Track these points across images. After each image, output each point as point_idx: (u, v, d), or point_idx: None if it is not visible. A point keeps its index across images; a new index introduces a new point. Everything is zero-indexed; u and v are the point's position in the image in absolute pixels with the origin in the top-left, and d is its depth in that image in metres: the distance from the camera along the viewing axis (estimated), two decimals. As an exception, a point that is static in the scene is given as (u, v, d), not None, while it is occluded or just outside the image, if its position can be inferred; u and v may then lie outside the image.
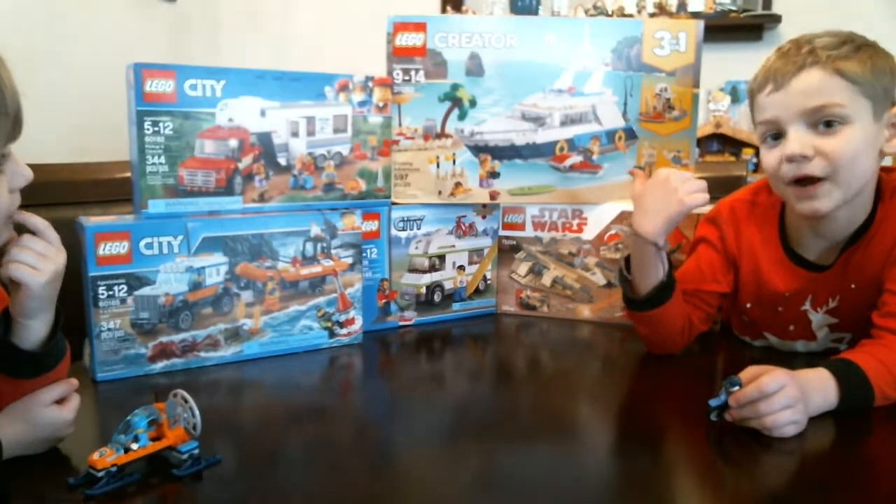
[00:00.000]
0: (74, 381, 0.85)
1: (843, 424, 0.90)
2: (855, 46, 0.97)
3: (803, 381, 0.89)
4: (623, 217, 1.35)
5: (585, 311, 1.40)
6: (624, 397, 1.07)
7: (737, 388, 0.88)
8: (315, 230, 1.19)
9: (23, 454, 0.79)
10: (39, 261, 0.78)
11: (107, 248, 1.03)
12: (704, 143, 2.97)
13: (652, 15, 2.91)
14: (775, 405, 0.85)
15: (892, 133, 0.99)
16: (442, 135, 1.34)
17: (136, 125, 1.08)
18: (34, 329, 0.80)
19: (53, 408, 0.82)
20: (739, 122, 2.99)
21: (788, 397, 0.85)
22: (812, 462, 0.85)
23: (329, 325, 1.22)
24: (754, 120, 1.06)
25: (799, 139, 0.97)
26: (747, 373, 0.89)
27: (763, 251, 1.12)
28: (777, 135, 1.01)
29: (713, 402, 0.89)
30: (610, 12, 2.99)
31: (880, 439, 0.91)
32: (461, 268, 1.41)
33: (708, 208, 1.26)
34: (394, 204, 1.33)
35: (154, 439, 0.77)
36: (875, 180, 1.03)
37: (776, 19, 2.88)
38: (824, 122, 0.96)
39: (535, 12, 3.04)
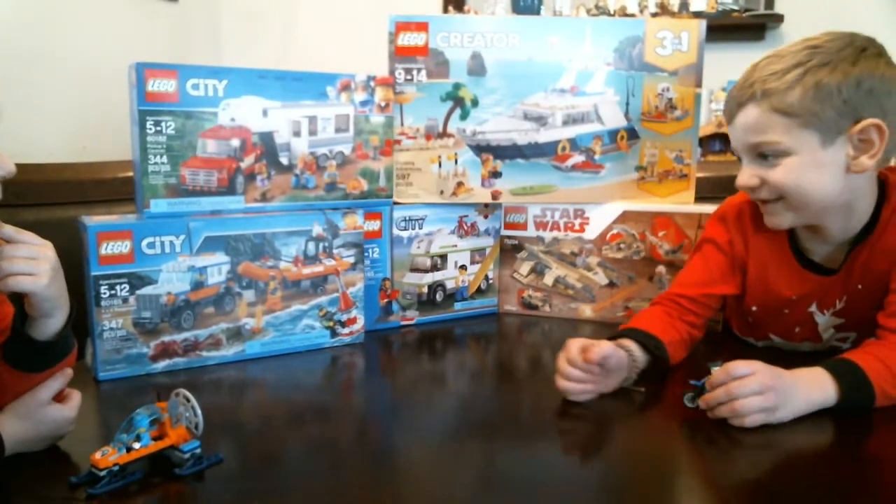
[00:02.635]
0: (69, 371, 0.84)
1: (845, 424, 0.90)
2: (801, 73, 0.94)
3: (793, 377, 0.90)
4: (625, 217, 1.35)
5: (587, 311, 1.40)
6: (625, 397, 1.06)
7: (717, 368, 0.90)
8: (317, 230, 1.19)
9: (24, 451, 0.79)
10: (32, 265, 0.76)
11: (109, 248, 1.03)
12: (706, 142, 2.97)
13: (654, 14, 2.91)
14: (745, 389, 0.86)
15: (857, 152, 0.96)
16: (444, 134, 1.34)
17: (138, 125, 1.08)
18: (52, 324, 0.79)
19: (55, 406, 0.82)
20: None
21: (759, 383, 0.87)
22: (814, 461, 0.85)
23: (331, 324, 1.22)
24: None
25: (746, 170, 1.02)
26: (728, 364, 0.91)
27: (771, 255, 1.12)
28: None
29: (694, 382, 0.91)
30: (612, 12, 2.98)
31: (883, 439, 0.91)
32: (463, 267, 1.41)
33: (710, 208, 1.26)
34: (396, 203, 1.33)
35: (156, 438, 0.77)
36: (851, 191, 1.00)
37: (778, 19, 2.87)
38: (763, 155, 0.99)
39: (537, 12, 3.04)
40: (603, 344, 0.97)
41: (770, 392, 0.87)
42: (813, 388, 0.91)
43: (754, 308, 1.17)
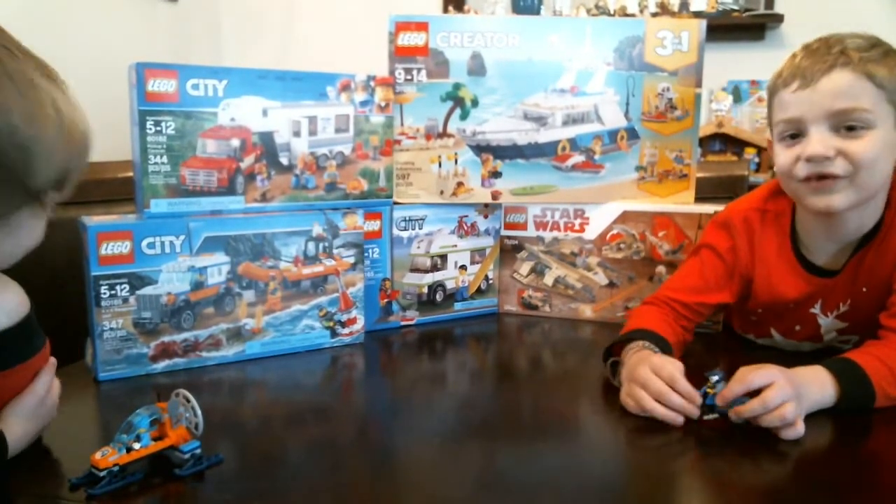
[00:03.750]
0: (53, 360, 0.84)
1: (844, 424, 0.90)
2: (883, 51, 0.95)
3: (798, 377, 0.89)
4: (625, 217, 1.35)
5: (587, 311, 1.40)
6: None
7: (716, 377, 0.89)
8: (317, 230, 1.19)
9: (22, 449, 0.79)
10: None
11: (109, 248, 1.03)
12: (706, 142, 2.97)
13: (654, 14, 2.91)
14: (775, 400, 0.84)
15: None
16: (444, 134, 1.34)
17: (138, 125, 1.08)
18: None
19: (50, 398, 0.82)
20: (741, 122, 2.99)
21: (783, 393, 0.85)
22: (815, 461, 0.85)
23: (331, 324, 1.22)
24: (772, 118, 1.04)
25: (822, 140, 0.95)
26: (738, 373, 0.89)
27: (775, 259, 1.11)
28: (795, 134, 0.99)
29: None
30: (612, 12, 2.98)
31: (883, 440, 0.90)
32: (463, 267, 1.41)
33: (711, 209, 1.26)
34: (396, 203, 1.33)
35: (156, 439, 0.77)
36: (888, 186, 1.02)
37: (778, 19, 2.88)
38: (847, 125, 0.95)
39: (537, 12, 3.04)
40: (676, 364, 0.94)
41: (796, 398, 0.86)
42: (814, 387, 0.91)
43: (759, 310, 1.16)
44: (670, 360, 0.95)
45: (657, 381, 0.92)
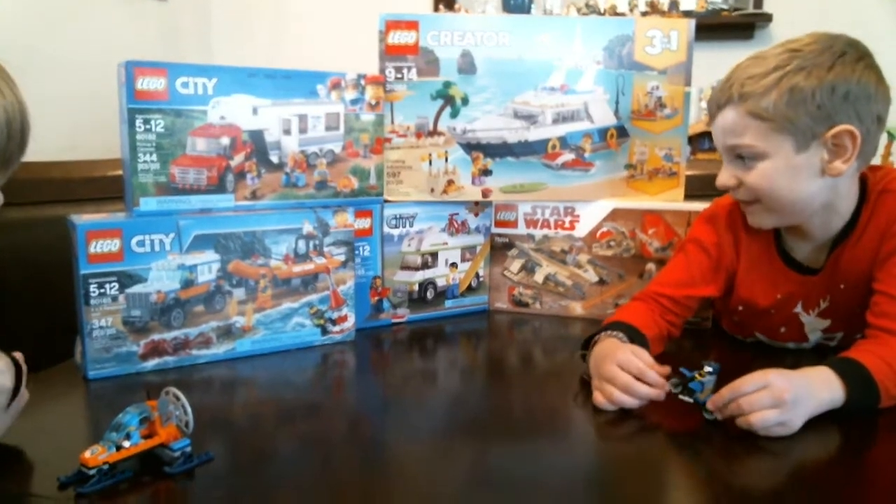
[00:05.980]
0: (19, 355, 0.83)
1: (841, 424, 0.89)
2: (780, 76, 0.95)
3: (805, 379, 0.88)
4: (615, 215, 1.35)
5: (577, 308, 1.41)
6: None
7: (710, 369, 0.89)
8: (307, 228, 1.19)
9: None
10: None
11: (98, 246, 1.02)
12: (696, 141, 2.97)
13: (644, 13, 2.92)
14: (756, 403, 0.84)
15: (831, 156, 0.97)
16: (434, 132, 1.34)
17: (127, 123, 1.08)
18: None
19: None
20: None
21: (773, 397, 0.84)
22: (814, 465, 0.85)
23: (321, 322, 1.22)
24: None
25: (725, 170, 1.04)
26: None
27: (759, 255, 1.12)
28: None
29: (684, 370, 0.91)
30: (602, 11, 2.99)
31: (885, 445, 0.90)
32: (454, 265, 1.41)
33: (700, 206, 1.26)
34: (386, 201, 1.33)
35: (146, 437, 0.77)
36: (832, 192, 1.01)
37: (767, 18, 2.89)
38: (740, 156, 1.01)
39: (528, 11, 3.04)
40: (640, 354, 0.95)
41: (785, 405, 0.84)
42: (822, 388, 0.88)
43: (740, 308, 1.17)
44: (634, 351, 0.95)
45: (623, 375, 0.93)
